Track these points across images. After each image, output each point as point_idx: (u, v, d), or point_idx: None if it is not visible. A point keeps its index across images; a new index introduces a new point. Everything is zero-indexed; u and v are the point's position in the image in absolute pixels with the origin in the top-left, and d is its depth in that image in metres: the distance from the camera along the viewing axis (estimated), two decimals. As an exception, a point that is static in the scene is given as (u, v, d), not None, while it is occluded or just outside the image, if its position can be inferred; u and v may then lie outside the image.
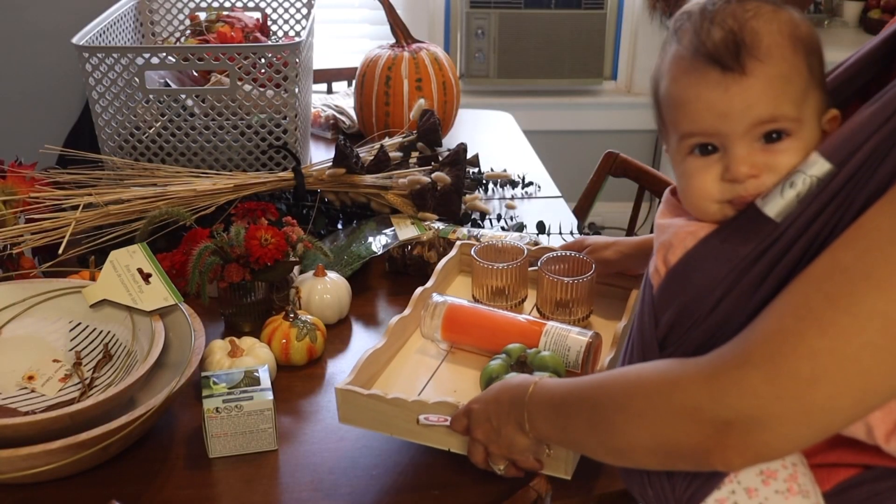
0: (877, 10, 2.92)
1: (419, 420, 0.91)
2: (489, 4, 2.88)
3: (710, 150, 0.73)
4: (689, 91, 0.72)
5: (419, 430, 0.93)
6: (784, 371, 0.62)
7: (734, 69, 0.69)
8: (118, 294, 1.10)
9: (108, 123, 1.49)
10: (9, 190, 1.30)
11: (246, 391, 0.99)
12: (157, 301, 1.09)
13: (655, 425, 0.69)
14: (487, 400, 0.86)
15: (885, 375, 0.60)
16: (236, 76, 1.46)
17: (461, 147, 1.51)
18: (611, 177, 1.84)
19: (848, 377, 0.61)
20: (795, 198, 0.68)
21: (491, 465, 0.88)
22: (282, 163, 1.56)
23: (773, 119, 0.70)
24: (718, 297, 0.70)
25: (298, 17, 1.97)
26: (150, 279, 1.11)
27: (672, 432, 0.67)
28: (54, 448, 0.87)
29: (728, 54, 0.69)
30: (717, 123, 0.71)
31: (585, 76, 3.01)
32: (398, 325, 1.09)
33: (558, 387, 0.81)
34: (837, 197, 0.66)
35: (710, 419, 0.64)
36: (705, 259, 0.72)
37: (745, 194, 0.72)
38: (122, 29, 1.70)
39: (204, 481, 0.96)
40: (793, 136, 0.71)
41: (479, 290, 1.19)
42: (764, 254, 0.69)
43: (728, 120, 0.70)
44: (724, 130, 0.71)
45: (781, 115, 0.70)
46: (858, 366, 0.60)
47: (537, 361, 0.98)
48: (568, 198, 1.70)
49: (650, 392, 0.70)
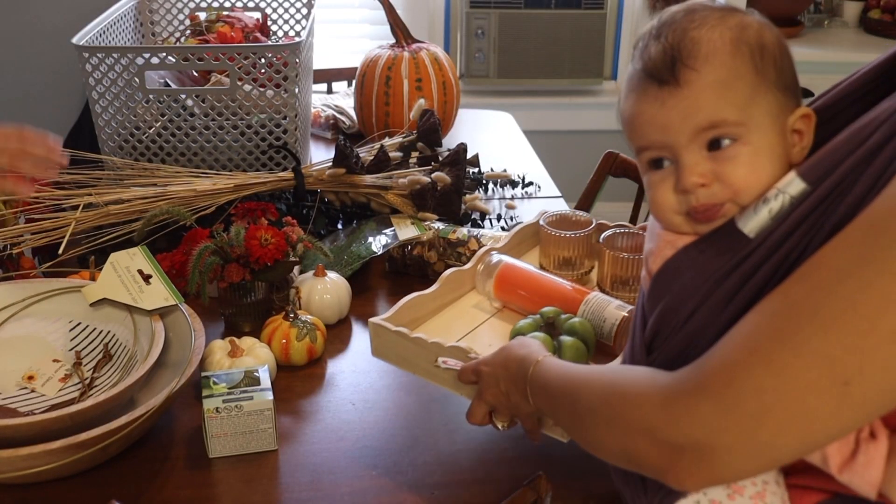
0: (877, 10, 2.92)
1: (438, 363, 0.95)
2: (489, 4, 2.88)
3: (663, 163, 0.74)
4: (634, 108, 0.74)
5: (437, 373, 0.97)
6: (732, 404, 0.62)
7: (669, 82, 0.70)
8: (118, 294, 1.10)
9: (108, 123, 1.49)
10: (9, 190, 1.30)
11: (246, 391, 0.99)
12: (157, 301, 1.09)
13: (620, 435, 0.70)
14: (496, 364, 0.89)
15: (830, 417, 0.60)
16: (236, 76, 1.46)
17: (461, 147, 1.51)
18: (611, 177, 1.84)
19: (792, 416, 0.60)
20: (768, 214, 0.69)
21: (493, 422, 0.92)
22: (282, 163, 1.56)
23: (713, 125, 0.70)
24: (692, 308, 0.71)
25: (298, 17, 1.97)
26: (151, 280, 1.11)
27: (633, 445, 0.69)
28: (54, 448, 0.87)
29: (663, 68, 0.71)
30: (661, 136, 0.72)
31: (585, 76, 3.01)
32: (454, 275, 1.13)
33: (553, 371, 0.82)
34: (809, 218, 0.66)
35: (665, 441, 0.66)
36: (681, 269, 0.73)
37: (696, 204, 0.72)
38: (122, 29, 1.70)
39: (204, 481, 0.96)
40: (740, 142, 0.70)
41: (545, 258, 1.21)
42: (736, 269, 0.69)
43: (669, 132, 0.71)
44: (668, 143, 0.72)
45: (721, 121, 0.70)
46: (803, 406, 0.60)
47: (566, 326, 1.00)
48: (568, 198, 1.70)
49: (618, 403, 0.71)
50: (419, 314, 1.09)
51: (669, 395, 0.66)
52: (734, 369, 0.63)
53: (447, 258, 1.34)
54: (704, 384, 0.64)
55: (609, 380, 0.75)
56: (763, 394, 0.61)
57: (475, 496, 0.93)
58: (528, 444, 1.00)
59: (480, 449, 1.00)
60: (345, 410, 1.07)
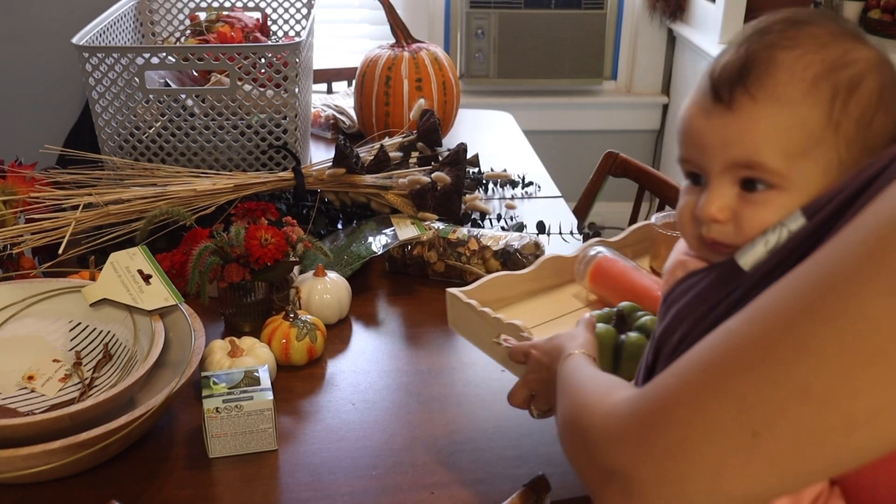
0: (877, 10, 2.92)
1: (499, 339, 0.96)
2: (489, 4, 2.88)
3: (699, 179, 0.68)
4: (685, 112, 0.68)
5: (498, 350, 0.98)
6: (652, 437, 0.58)
7: (722, 100, 0.63)
8: (118, 294, 1.10)
9: (108, 123, 1.49)
10: (9, 190, 1.30)
11: (246, 391, 0.99)
12: (157, 301, 1.09)
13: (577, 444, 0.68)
14: (544, 350, 0.88)
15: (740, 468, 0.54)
16: (236, 76, 1.46)
17: (461, 147, 1.51)
18: (611, 177, 1.84)
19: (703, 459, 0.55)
20: (764, 247, 0.63)
21: (531, 407, 0.91)
22: (282, 163, 1.56)
23: (750, 165, 0.63)
24: (682, 333, 0.67)
25: (298, 17, 1.97)
26: (151, 280, 1.11)
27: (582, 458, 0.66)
28: (54, 448, 0.87)
29: (724, 83, 0.63)
30: (698, 154, 0.66)
31: (585, 76, 3.01)
32: (553, 262, 1.16)
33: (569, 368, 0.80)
34: (800, 249, 0.60)
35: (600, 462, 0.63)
36: (683, 293, 0.69)
37: (706, 236, 0.67)
38: (122, 29, 1.70)
39: (204, 481, 0.96)
40: (776, 190, 0.63)
41: (656, 260, 1.22)
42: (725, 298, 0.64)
43: (706, 154, 0.65)
44: (702, 164, 0.66)
45: (760, 164, 0.62)
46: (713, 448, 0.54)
47: (637, 323, 0.99)
48: (568, 198, 1.70)
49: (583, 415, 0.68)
50: (507, 294, 1.11)
51: (611, 420, 0.63)
52: (663, 400, 0.58)
53: (447, 258, 1.34)
54: (637, 410, 0.60)
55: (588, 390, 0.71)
56: (679, 428, 0.56)
57: (475, 496, 0.93)
58: (529, 444, 1.01)
59: (480, 449, 1.00)
60: (345, 410, 1.07)
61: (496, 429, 1.04)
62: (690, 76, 2.87)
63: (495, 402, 1.08)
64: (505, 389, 0.92)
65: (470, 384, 1.12)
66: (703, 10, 2.74)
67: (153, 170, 1.48)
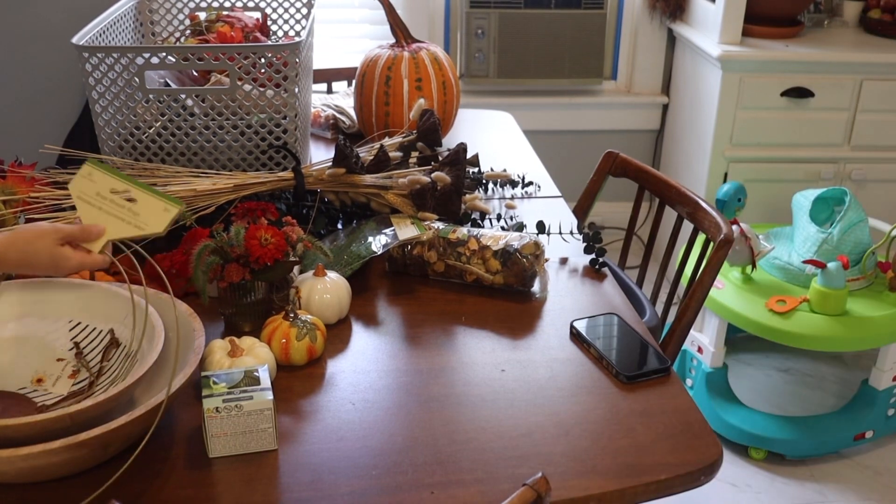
0: (877, 10, 2.92)
1: None
2: (489, 4, 2.88)
3: None
4: None
5: None
6: None
7: None
8: (117, 231, 1.03)
9: (108, 123, 1.50)
10: (9, 190, 1.30)
11: (246, 391, 0.99)
12: (160, 216, 1.02)
13: None
14: None
15: None
16: (236, 76, 1.46)
17: (461, 147, 1.51)
18: (611, 177, 1.84)
19: None
20: None
21: None
22: (282, 163, 1.56)
23: None
24: None
25: (298, 17, 1.97)
26: (134, 197, 1.02)
27: None
28: (54, 448, 0.87)
29: None
30: None
31: (585, 76, 3.01)
32: None
33: None
34: None
35: None
36: None
37: None
38: (122, 29, 1.70)
39: (204, 481, 0.96)
40: None
41: None
42: None
43: None
44: None
45: None
46: None
47: None
48: (568, 198, 1.70)
49: None
50: None
51: None
52: None
53: (447, 258, 1.34)
54: None
55: None
56: None
57: (475, 496, 0.93)
58: (529, 444, 1.01)
59: (480, 449, 1.00)
60: (345, 410, 1.07)
61: (496, 429, 1.04)
62: (690, 76, 2.87)
63: (495, 402, 1.08)
64: (505, 389, 0.92)
65: (470, 384, 1.12)
66: (703, 10, 2.74)
67: (153, 170, 1.48)
